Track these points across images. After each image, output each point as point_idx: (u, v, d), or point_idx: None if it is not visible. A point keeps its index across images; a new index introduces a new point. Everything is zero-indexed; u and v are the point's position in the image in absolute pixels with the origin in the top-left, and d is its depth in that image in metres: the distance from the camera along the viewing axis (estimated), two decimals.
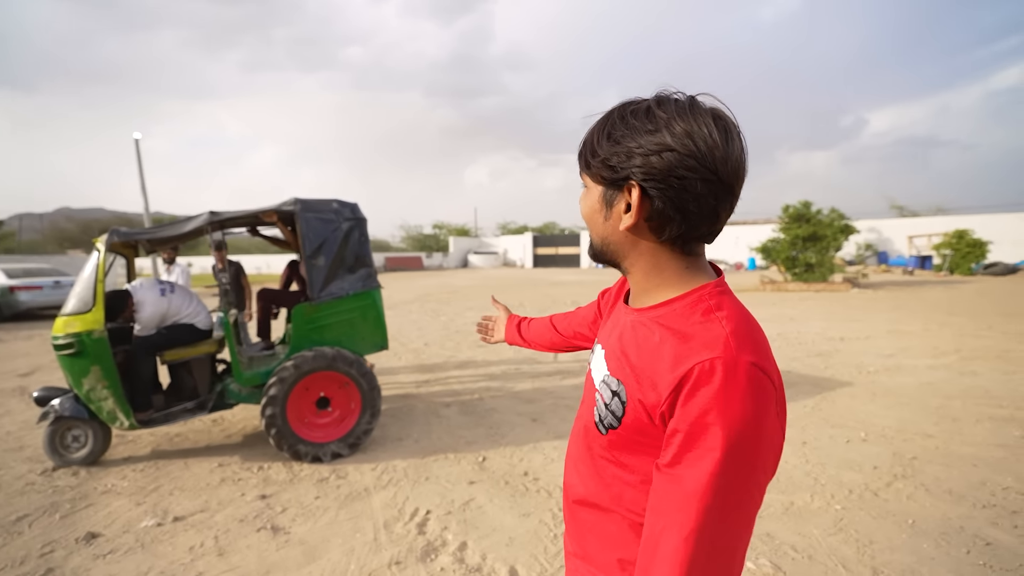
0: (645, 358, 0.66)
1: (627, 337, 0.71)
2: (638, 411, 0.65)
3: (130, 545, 2.53)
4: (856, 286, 14.46)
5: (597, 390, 0.73)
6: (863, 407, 4.28)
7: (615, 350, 0.72)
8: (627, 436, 0.67)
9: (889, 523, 2.54)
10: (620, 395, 0.68)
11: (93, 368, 3.27)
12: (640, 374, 0.65)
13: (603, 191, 0.70)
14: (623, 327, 0.74)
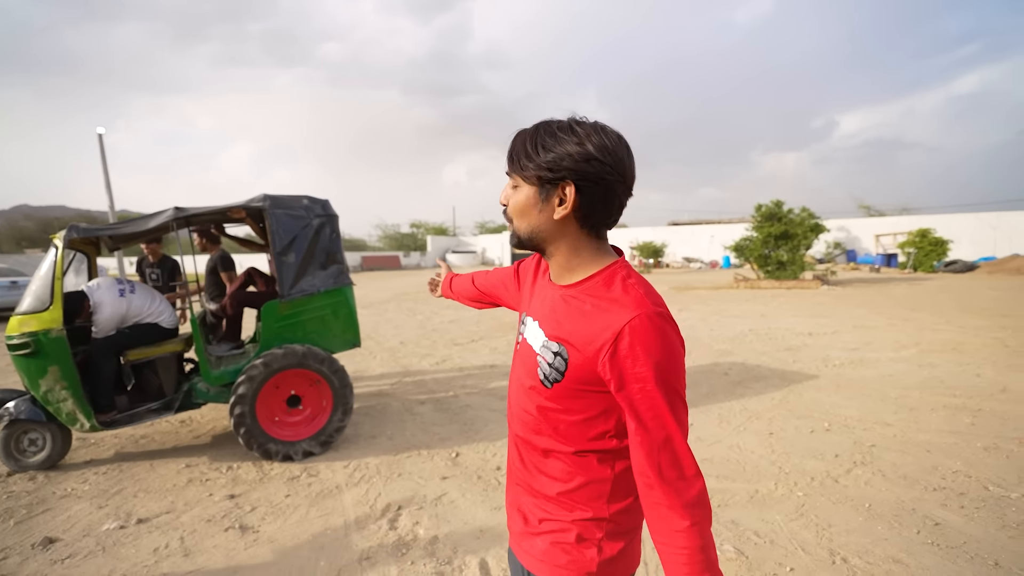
0: (581, 323, 0.84)
1: (560, 308, 0.88)
2: (580, 364, 0.83)
3: (90, 549, 2.46)
4: (826, 283, 14.88)
5: (538, 354, 0.89)
6: (827, 398, 4.42)
7: (550, 320, 0.89)
8: (570, 386, 0.85)
9: (847, 507, 2.64)
10: (562, 354, 0.85)
11: (51, 368, 3.16)
12: (580, 336, 0.83)
13: (537, 189, 0.85)
14: (553, 300, 0.91)
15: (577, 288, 0.88)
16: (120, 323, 3.58)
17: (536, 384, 0.90)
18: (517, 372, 0.97)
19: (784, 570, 2.15)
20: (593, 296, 0.85)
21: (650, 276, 22.20)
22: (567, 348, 0.84)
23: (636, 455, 0.82)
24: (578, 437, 0.88)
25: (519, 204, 0.87)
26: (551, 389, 0.87)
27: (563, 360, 0.84)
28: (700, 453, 3.37)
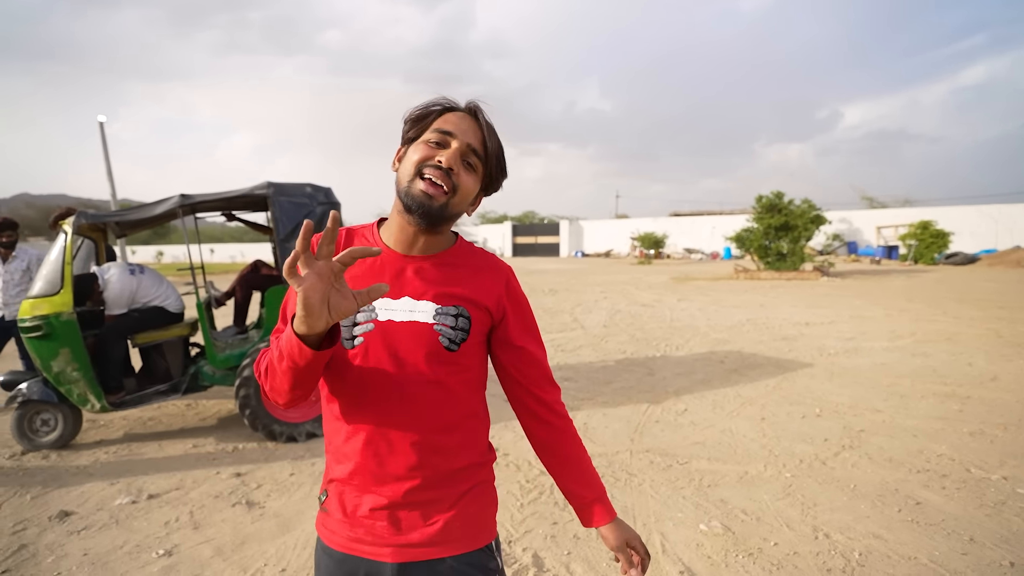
0: (470, 285, 0.93)
1: (437, 278, 0.92)
2: (483, 317, 0.93)
3: (104, 522, 2.56)
4: (825, 275, 14.94)
5: (434, 323, 0.89)
6: (820, 386, 4.51)
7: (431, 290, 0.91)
8: (473, 342, 0.92)
9: (833, 488, 2.73)
10: (463, 315, 0.91)
11: (62, 351, 3.25)
12: (477, 292, 0.93)
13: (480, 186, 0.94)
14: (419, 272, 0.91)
15: (450, 255, 0.95)
16: (130, 301, 3.66)
17: (440, 352, 0.88)
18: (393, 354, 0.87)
19: (768, 544, 2.24)
20: (467, 260, 0.97)
21: (650, 267, 22.27)
22: (466, 308, 0.91)
23: (531, 371, 0.99)
24: (474, 392, 0.95)
25: (471, 190, 0.91)
26: (458, 351, 0.89)
27: (466, 319, 0.90)
28: (693, 437, 3.46)
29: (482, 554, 0.93)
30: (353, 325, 0.88)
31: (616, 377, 4.97)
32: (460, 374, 0.91)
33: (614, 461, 3.12)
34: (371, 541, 0.88)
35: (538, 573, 2.09)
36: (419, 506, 0.89)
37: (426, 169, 0.86)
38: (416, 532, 0.88)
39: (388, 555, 0.87)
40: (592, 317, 8.60)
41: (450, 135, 0.87)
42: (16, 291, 4.20)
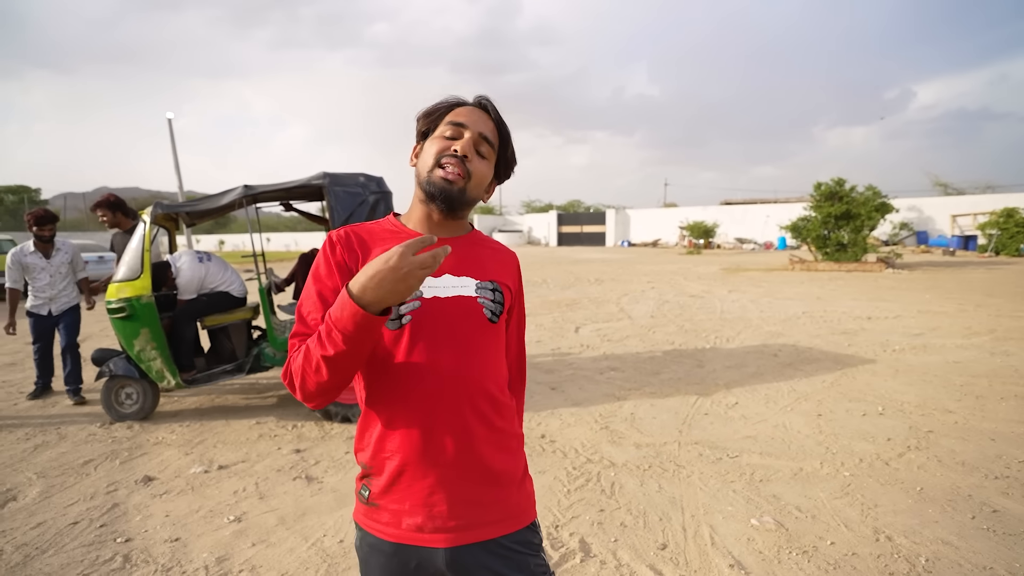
0: (495, 264, 1.02)
1: (470, 257, 0.99)
2: (508, 295, 1.00)
3: (182, 488, 2.79)
4: (890, 266, 14.02)
5: (477, 296, 0.95)
6: (884, 383, 4.27)
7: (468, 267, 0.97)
8: (503, 316, 0.99)
9: (896, 489, 2.60)
10: (498, 289, 0.98)
11: (142, 331, 3.53)
12: (501, 271, 1.02)
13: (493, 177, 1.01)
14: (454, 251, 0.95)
15: (472, 238, 1.03)
16: (199, 287, 3.92)
17: (485, 324, 0.94)
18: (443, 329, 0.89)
19: (824, 543, 2.17)
20: (486, 244, 1.06)
21: (699, 257, 21.60)
22: (498, 283, 0.99)
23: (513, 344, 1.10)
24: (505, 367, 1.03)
25: (485, 177, 0.97)
26: (498, 323, 0.96)
27: (500, 294, 0.98)
28: (744, 431, 3.37)
29: (528, 531, 0.96)
30: (399, 305, 0.87)
31: (664, 368, 4.89)
32: (499, 346, 0.99)
33: (662, 452, 3.08)
34: (430, 528, 0.88)
35: (584, 558, 2.12)
36: (470, 487, 0.89)
37: (444, 159, 0.92)
38: (468, 515, 0.89)
39: (442, 540, 0.88)
40: (639, 307, 8.47)
41: (463, 126, 0.94)
42: (63, 284, 4.26)
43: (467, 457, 0.89)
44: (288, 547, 2.24)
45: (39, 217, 4.21)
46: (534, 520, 0.99)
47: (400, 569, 0.91)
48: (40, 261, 4.22)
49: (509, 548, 0.92)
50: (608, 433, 3.38)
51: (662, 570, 2.03)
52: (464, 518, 0.89)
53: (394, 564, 0.91)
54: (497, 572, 0.91)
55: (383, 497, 0.91)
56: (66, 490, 2.79)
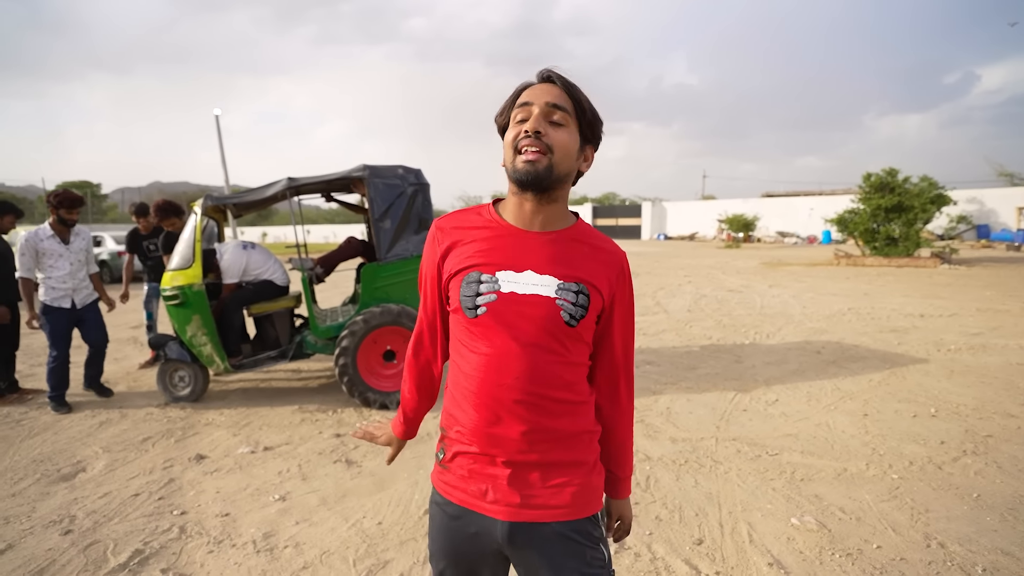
0: (589, 264, 0.95)
1: (559, 254, 0.94)
2: (598, 298, 0.94)
3: (231, 466, 2.94)
4: (946, 262, 13.25)
5: (556, 298, 0.92)
6: (937, 384, 4.07)
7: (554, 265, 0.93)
8: (589, 319, 0.94)
9: (950, 495, 2.48)
10: (583, 292, 0.92)
11: (194, 317, 3.72)
12: (596, 273, 0.95)
13: (580, 140, 0.95)
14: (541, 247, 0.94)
15: (571, 233, 0.97)
16: (242, 273, 4.08)
17: (560, 326, 0.91)
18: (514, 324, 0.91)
19: (870, 547, 2.10)
20: (587, 239, 0.98)
21: (738, 251, 20.99)
22: (586, 286, 0.93)
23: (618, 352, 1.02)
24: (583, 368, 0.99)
25: (568, 144, 0.92)
26: (576, 327, 0.92)
27: (586, 297, 0.92)
28: (784, 428, 3.28)
29: (588, 522, 0.95)
30: (476, 295, 0.92)
31: (701, 363, 4.79)
32: (575, 349, 0.94)
33: (698, 447, 3.04)
34: (491, 499, 0.92)
35: (619, 550, 2.11)
36: (533, 469, 0.92)
37: (520, 143, 0.90)
38: (530, 494, 0.92)
39: (502, 513, 0.92)
40: (675, 301, 8.31)
41: (528, 105, 0.92)
42: (81, 273, 3.90)
43: (527, 446, 0.92)
44: (329, 526, 2.33)
45: (74, 199, 3.80)
46: (596, 512, 0.98)
47: (459, 533, 0.96)
48: (59, 247, 3.76)
49: (567, 536, 0.93)
50: (643, 427, 3.35)
51: (698, 565, 2.01)
52: (525, 497, 0.92)
53: (455, 527, 0.96)
54: (551, 556, 0.93)
55: (452, 462, 0.98)
56: (128, 464, 2.98)
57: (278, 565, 2.07)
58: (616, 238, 36.09)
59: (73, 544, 2.22)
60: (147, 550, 2.17)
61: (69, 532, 2.31)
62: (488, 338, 0.92)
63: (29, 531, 2.33)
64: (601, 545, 0.97)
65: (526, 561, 0.95)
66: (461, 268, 0.94)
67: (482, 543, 0.95)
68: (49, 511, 2.49)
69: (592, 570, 0.94)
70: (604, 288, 0.95)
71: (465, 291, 0.93)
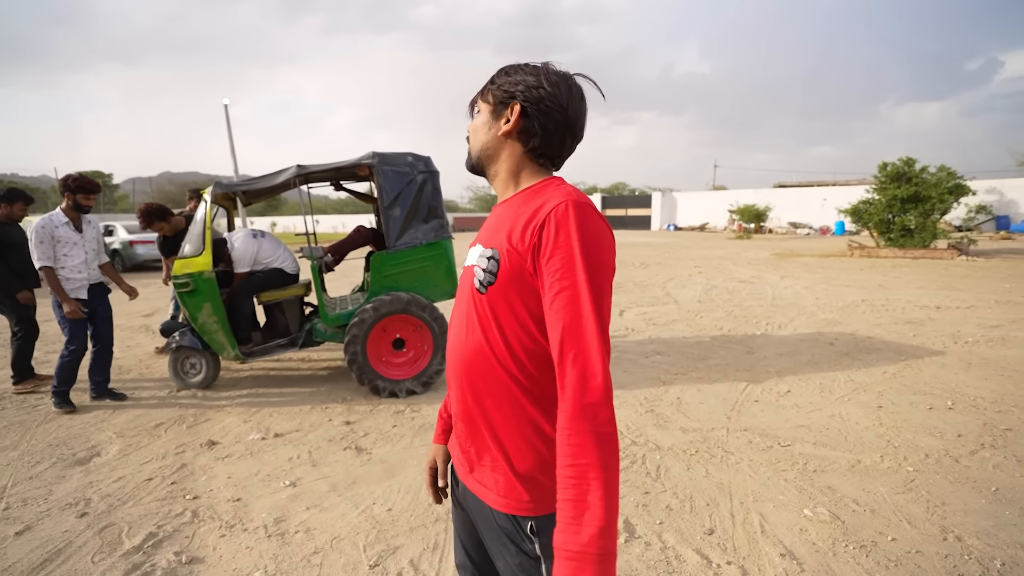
0: (512, 222, 0.86)
1: (498, 220, 0.92)
2: (512, 259, 0.83)
3: (242, 452, 2.96)
4: (963, 253, 13.01)
5: (475, 265, 0.90)
6: (953, 376, 3.99)
7: (487, 235, 0.93)
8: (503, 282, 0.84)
9: (968, 488, 2.44)
10: (494, 257, 0.86)
11: (205, 304, 3.74)
12: (510, 233, 0.85)
13: (492, 109, 0.94)
14: (493, 218, 0.96)
15: (514, 198, 0.92)
16: (252, 262, 4.09)
17: (474, 294, 0.89)
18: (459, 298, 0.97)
19: (884, 539, 2.06)
20: (527, 200, 0.88)
21: (749, 242, 20.77)
22: (498, 250, 0.85)
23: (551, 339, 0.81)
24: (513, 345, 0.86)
25: (476, 125, 0.97)
26: (486, 293, 0.86)
27: (495, 262, 0.85)
28: (797, 419, 3.24)
29: (517, 524, 0.88)
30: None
31: (712, 353, 4.75)
32: (491, 320, 0.86)
33: (709, 437, 3.01)
34: (455, 458, 1.02)
35: (629, 538, 2.10)
36: (471, 444, 0.95)
37: None
38: (474, 466, 0.96)
39: (460, 472, 1.00)
40: (686, 292, 8.24)
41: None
42: (95, 263, 3.81)
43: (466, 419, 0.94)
44: (340, 512, 2.34)
45: (92, 185, 3.70)
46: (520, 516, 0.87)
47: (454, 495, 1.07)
48: (73, 235, 3.63)
49: (504, 530, 0.90)
50: (653, 416, 3.33)
51: (709, 555, 2.00)
52: (472, 464, 0.96)
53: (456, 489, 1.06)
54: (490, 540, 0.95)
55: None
56: (141, 449, 3.02)
57: (289, 550, 2.08)
58: (625, 228, 36.04)
59: (89, 526, 2.25)
60: (160, 533, 2.20)
61: (85, 515, 2.34)
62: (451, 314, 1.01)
63: (46, 513, 2.36)
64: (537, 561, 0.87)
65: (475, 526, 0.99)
66: None
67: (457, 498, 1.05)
68: (65, 494, 2.53)
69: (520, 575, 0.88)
70: (519, 246, 0.82)
71: None
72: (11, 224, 4.10)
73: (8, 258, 3.96)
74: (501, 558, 0.92)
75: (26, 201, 4.15)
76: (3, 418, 3.55)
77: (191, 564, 2.00)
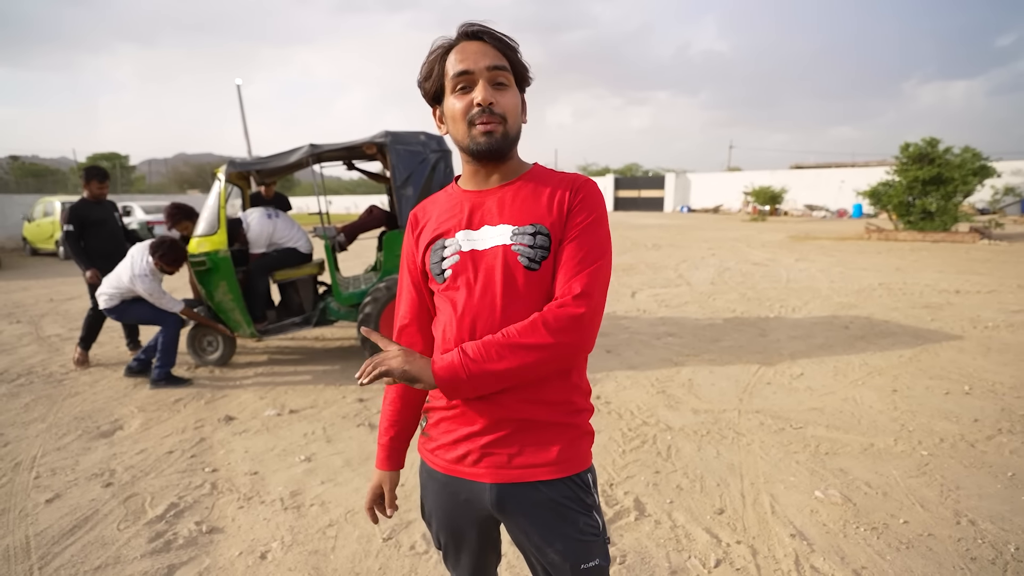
0: (543, 200, 0.91)
1: (512, 202, 0.92)
2: (557, 231, 0.89)
3: (258, 428, 3.02)
4: (986, 237, 12.69)
5: (512, 243, 0.89)
6: (972, 361, 3.93)
7: (507, 214, 0.91)
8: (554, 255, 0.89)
9: (983, 473, 2.42)
10: (541, 232, 0.89)
11: (220, 283, 3.78)
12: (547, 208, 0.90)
13: (519, 93, 0.93)
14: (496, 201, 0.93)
15: (521, 180, 0.94)
16: (268, 242, 4.12)
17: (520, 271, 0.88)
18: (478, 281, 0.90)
19: (896, 521, 2.06)
20: (539, 181, 0.94)
21: (764, 224, 20.44)
22: (544, 224, 0.89)
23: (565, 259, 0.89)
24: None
25: (515, 106, 0.91)
26: (539, 269, 0.88)
27: (545, 236, 0.89)
28: (809, 402, 3.23)
29: (578, 486, 0.92)
30: (442, 260, 0.93)
31: (724, 336, 4.72)
32: (543, 293, 0.89)
33: (720, 419, 3.01)
34: (473, 461, 0.91)
35: (639, 517, 2.13)
36: (512, 430, 0.90)
37: (474, 117, 0.88)
38: (513, 453, 0.90)
39: (487, 475, 0.91)
40: (698, 274, 8.17)
41: (468, 74, 0.88)
42: None
43: (502, 403, 0.89)
44: (354, 487, 2.39)
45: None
46: (583, 472, 0.93)
47: (451, 500, 0.96)
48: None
49: (557, 502, 0.90)
50: (665, 397, 3.33)
51: (719, 534, 2.01)
52: (508, 456, 0.90)
53: (446, 494, 0.97)
54: (543, 522, 0.91)
55: (433, 428, 0.97)
56: (162, 423, 3.10)
57: (305, 522, 2.13)
58: (638, 210, 35.67)
59: (114, 496, 2.33)
60: (181, 503, 2.26)
61: (110, 485, 2.42)
62: (457, 299, 0.91)
63: (74, 482, 2.45)
64: (594, 512, 0.94)
65: (518, 526, 0.93)
66: (429, 241, 0.97)
67: (474, 509, 0.95)
68: (91, 464, 2.62)
69: (585, 538, 0.92)
70: (558, 212, 0.90)
71: (433, 258, 0.95)
72: (97, 203, 4.20)
73: (93, 237, 4.11)
74: (559, 535, 0.91)
75: (100, 178, 4.19)
76: (31, 392, 3.66)
77: (211, 533, 2.07)
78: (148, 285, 3.63)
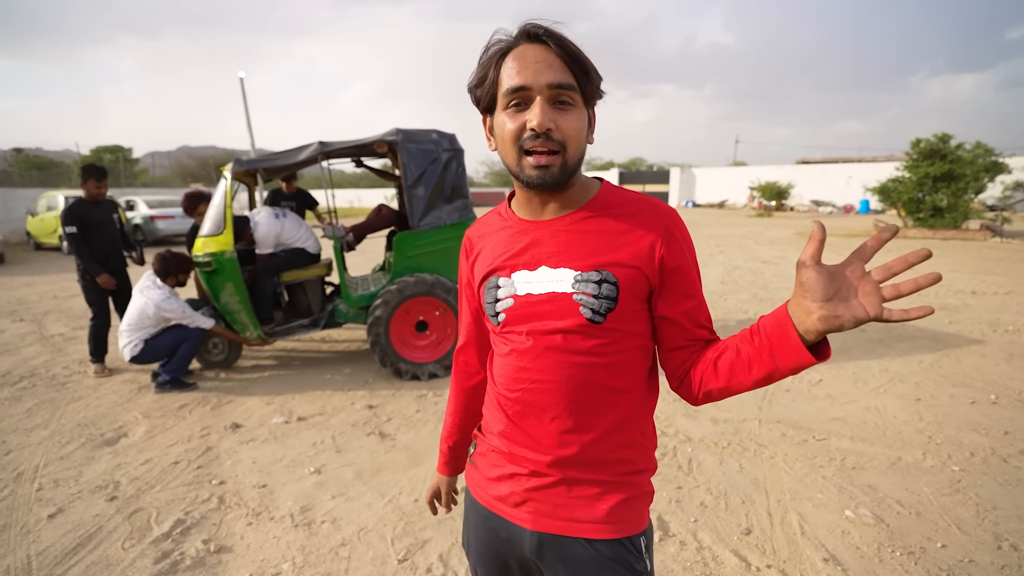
0: (614, 242, 0.79)
1: (573, 240, 0.81)
2: (635, 278, 0.78)
3: (265, 436, 2.95)
4: (997, 234, 12.52)
5: (573, 292, 0.79)
6: (995, 368, 3.83)
7: (569, 255, 0.80)
8: (625, 309, 0.79)
9: (1019, 491, 2.32)
10: (608, 280, 0.78)
11: (227, 284, 3.70)
12: (619, 254, 0.79)
13: (586, 112, 0.79)
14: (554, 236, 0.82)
15: (586, 211, 0.82)
16: (276, 242, 4.03)
17: (580, 324, 0.79)
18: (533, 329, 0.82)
19: (934, 545, 1.97)
20: (609, 213, 0.81)
21: (770, 220, 20.27)
22: (612, 271, 0.78)
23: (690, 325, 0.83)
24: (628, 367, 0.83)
25: (580, 130, 0.76)
26: (603, 322, 0.78)
27: (612, 285, 0.78)
28: (831, 412, 3.14)
29: (625, 547, 0.83)
30: (496, 302, 0.85)
31: None
32: (609, 347, 0.80)
33: (740, 429, 2.92)
34: (512, 503, 0.86)
35: (664, 536, 2.05)
36: (561, 481, 0.83)
37: (526, 143, 0.75)
38: (559, 503, 0.84)
39: (528, 521, 0.85)
40: (708, 272, 8.05)
41: (525, 89, 0.74)
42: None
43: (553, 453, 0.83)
44: (366, 502, 2.31)
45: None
46: (638, 535, 0.84)
47: (491, 535, 0.91)
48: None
49: (602, 564, 0.82)
50: (682, 406, 3.24)
51: (747, 557, 1.93)
52: (553, 506, 0.84)
53: (486, 528, 0.91)
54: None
55: (481, 458, 0.94)
56: (167, 431, 3.02)
57: (316, 541, 2.06)
58: None
59: (118, 511, 2.26)
60: (188, 520, 2.19)
61: (114, 498, 2.35)
62: (512, 344, 0.84)
63: (77, 495, 2.38)
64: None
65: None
66: (483, 276, 0.88)
67: (514, 548, 0.89)
68: (95, 476, 2.55)
69: None
70: (642, 263, 0.78)
71: (487, 298, 0.87)
72: (95, 204, 3.98)
73: (90, 240, 3.90)
74: None
75: (98, 177, 3.95)
76: (34, 395, 3.59)
77: (219, 553, 1.99)
78: (176, 306, 3.62)
